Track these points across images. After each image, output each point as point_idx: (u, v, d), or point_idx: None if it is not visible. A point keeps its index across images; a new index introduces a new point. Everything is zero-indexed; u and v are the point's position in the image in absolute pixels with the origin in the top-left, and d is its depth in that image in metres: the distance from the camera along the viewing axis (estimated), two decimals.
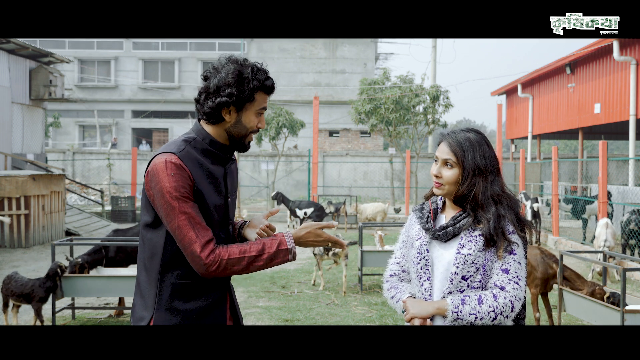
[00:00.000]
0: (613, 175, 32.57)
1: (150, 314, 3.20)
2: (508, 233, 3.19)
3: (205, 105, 3.22)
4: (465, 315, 3.11)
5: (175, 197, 3.06)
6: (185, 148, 3.19)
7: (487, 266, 3.18)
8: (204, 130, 3.29)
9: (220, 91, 3.16)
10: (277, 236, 3.26)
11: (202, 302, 3.24)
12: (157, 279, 3.21)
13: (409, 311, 3.23)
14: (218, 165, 3.31)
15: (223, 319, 3.34)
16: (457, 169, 3.24)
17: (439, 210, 3.43)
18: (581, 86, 26.78)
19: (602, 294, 8.06)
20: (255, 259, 3.15)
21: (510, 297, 3.13)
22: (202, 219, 3.14)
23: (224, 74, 3.17)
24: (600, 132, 34.42)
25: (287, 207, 22.57)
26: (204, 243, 3.08)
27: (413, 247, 3.37)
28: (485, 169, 3.22)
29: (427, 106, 32.55)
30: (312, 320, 9.80)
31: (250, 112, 3.25)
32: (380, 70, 41.44)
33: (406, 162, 29.49)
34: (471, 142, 3.25)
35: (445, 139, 3.32)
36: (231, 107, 3.20)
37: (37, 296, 8.81)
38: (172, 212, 3.07)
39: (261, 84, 3.21)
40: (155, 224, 3.20)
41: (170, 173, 3.07)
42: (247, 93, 3.18)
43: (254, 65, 3.23)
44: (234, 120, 3.25)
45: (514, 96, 36.18)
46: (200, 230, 3.09)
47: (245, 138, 3.33)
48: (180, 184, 3.08)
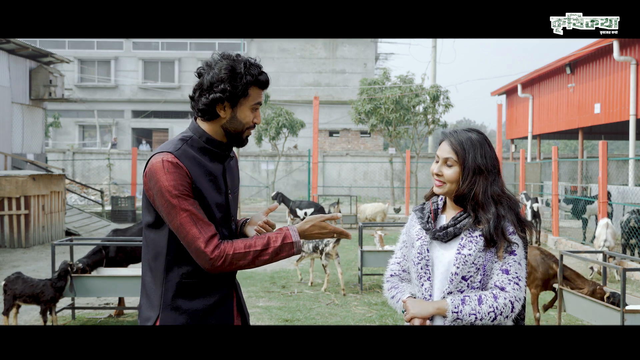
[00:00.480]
0: (613, 175, 32.58)
1: (156, 314, 3.21)
2: (508, 233, 3.19)
3: (199, 102, 3.22)
4: (465, 316, 3.12)
5: (174, 196, 3.06)
6: (182, 147, 3.19)
7: (487, 267, 3.18)
8: (200, 129, 3.29)
9: (214, 87, 3.16)
10: (282, 230, 3.26)
11: (208, 301, 3.24)
12: (162, 279, 3.21)
13: (409, 311, 3.23)
14: (216, 163, 3.31)
15: (230, 317, 3.35)
16: (457, 167, 3.25)
17: (439, 211, 3.44)
18: (581, 86, 26.78)
19: (602, 294, 8.06)
20: (261, 253, 3.15)
21: (510, 298, 3.14)
22: (204, 215, 3.14)
23: (217, 70, 3.17)
24: (600, 132, 34.42)
25: (287, 207, 22.56)
26: (208, 238, 3.08)
27: (413, 247, 3.38)
28: (485, 168, 3.23)
29: (427, 106, 32.56)
30: (312, 320, 9.80)
31: (245, 108, 3.25)
32: (380, 70, 41.48)
33: (406, 162, 29.48)
34: (472, 142, 3.26)
35: (447, 138, 3.33)
36: (225, 103, 3.20)
37: (49, 296, 8.78)
38: (173, 211, 3.07)
39: (254, 78, 3.21)
40: (158, 224, 3.20)
41: (167, 172, 3.07)
42: (241, 88, 3.17)
43: (247, 60, 3.23)
44: (229, 116, 3.25)
45: (514, 96, 36.19)
46: (203, 226, 3.09)
47: (242, 133, 3.33)
48: (179, 182, 3.08)
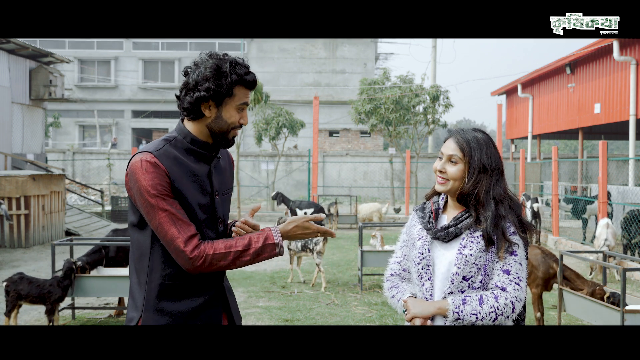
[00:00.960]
0: (613, 175, 32.58)
1: (138, 315, 3.19)
2: (509, 234, 3.19)
3: (185, 100, 3.21)
4: (466, 316, 3.12)
5: (153, 195, 3.05)
6: (164, 147, 3.18)
7: (488, 267, 3.18)
8: (185, 129, 3.28)
9: (199, 86, 3.15)
10: (264, 231, 3.23)
11: (193, 303, 3.21)
12: (145, 280, 3.20)
13: (410, 311, 3.23)
14: (202, 164, 3.29)
15: (217, 319, 3.32)
16: (462, 165, 3.25)
17: (440, 210, 3.44)
18: (581, 86, 26.79)
19: (602, 294, 8.06)
20: (242, 254, 3.12)
21: (511, 298, 3.14)
22: (184, 215, 3.12)
23: (203, 68, 3.16)
24: (600, 132, 34.42)
25: (287, 207, 22.56)
26: (187, 238, 3.06)
27: (414, 247, 3.38)
28: (490, 168, 3.24)
29: (427, 106, 32.62)
30: (312, 320, 9.80)
31: (231, 107, 3.23)
32: (380, 70, 41.55)
33: (406, 162, 29.49)
34: (479, 141, 3.27)
35: (454, 135, 3.34)
36: (210, 102, 3.19)
37: (55, 296, 8.79)
38: (152, 210, 3.06)
39: (240, 78, 3.18)
40: (141, 225, 3.19)
41: (146, 171, 3.06)
42: (225, 87, 3.16)
43: (234, 59, 3.21)
44: (214, 115, 3.23)
45: (514, 96, 36.20)
46: (182, 226, 3.07)
47: (228, 134, 3.29)
48: (157, 182, 3.06)
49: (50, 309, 8.79)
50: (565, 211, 23.28)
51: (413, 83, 33.52)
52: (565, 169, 36.55)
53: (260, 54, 50.70)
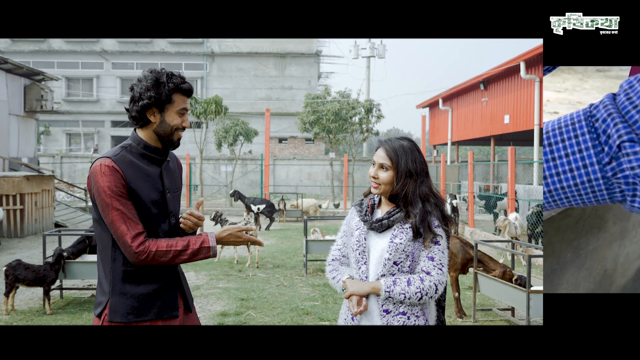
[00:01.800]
0: (520, 176, 33.02)
1: (106, 299, 3.19)
2: (434, 227, 3.21)
3: (132, 110, 3.24)
4: (396, 295, 3.12)
5: (109, 195, 3.06)
6: (121, 153, 3.20)
7: (415, 254, 3.19)
8: (138, 137, 3.29)
9: (142, 96, 3.19)
10: (202, 235, 3.27)
11: (152, 286, 3.22)
12: (109, 268, 3.19)
13: (348, 289, 3.23)
14: (154, 166, 3.30)
15: (174, 300, 3.32)
16: (391, 171, 3.25)
17: (375, 206, 3.45)
18: (493, 100, 27.13)
19: (511, 276, 8.16)
20: (181, 253, 3.16)
21: (434, 281, 3.15)
22: (135, 214, 3.13)
23: (145, 82, 3.21)
24: (509, 139, 34.80)
25: (243, 203, 22.46)
26: (134, 235, 3.07)
27: (353, 236, 3.38)
28: (415, 172, 3.24)
29: (362, 117, 32.91)
30: (264, 300, 9.78)
31: (172, 112, 3.26)
32: (322, 86, 41.83)
33: (344, 164, 29.52)
34: (404, 149, 3.26)
35: (383, 145, 3.34)
36: (154, 109, 3.22)
37: (49, 279, 8.99)
38: (107, 209, 3.07)
39: (176, 86, 3.23)
40: (103, 220, 3.17)
41: (104, 174, 3.08)
42: (165, 94, 3.20)
43: (170, 72, 3.27)
44: (158, 120, 3.25)
45: (436, 108, 36.50)
46: (131, 224, 3.09)
47: (172, 135, 3.31)
48: (114, 184, 3.07)
49: (47, 290, 9.02)
50: (479, 206, 23.59)
51: (350, 97, 33.73)
52: (479, 171, 36.94)
53: (220, 72, 50.97)
